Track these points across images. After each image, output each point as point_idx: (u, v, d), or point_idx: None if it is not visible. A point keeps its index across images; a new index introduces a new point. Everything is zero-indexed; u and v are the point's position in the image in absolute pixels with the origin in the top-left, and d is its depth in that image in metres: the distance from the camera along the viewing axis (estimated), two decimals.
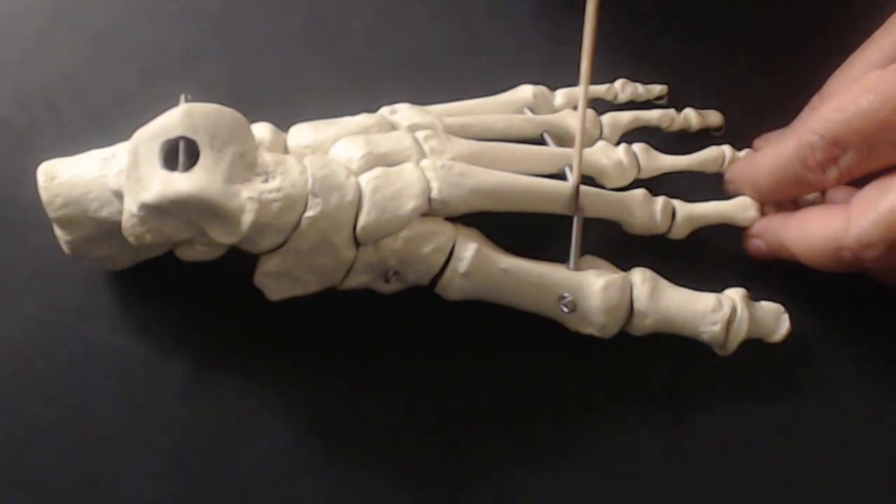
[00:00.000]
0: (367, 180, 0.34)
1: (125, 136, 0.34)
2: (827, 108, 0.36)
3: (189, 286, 0.38)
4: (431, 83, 0.43)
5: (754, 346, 0.38)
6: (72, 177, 0.34)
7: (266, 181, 0.33)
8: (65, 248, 0.35)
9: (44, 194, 0.34)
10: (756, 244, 0.40)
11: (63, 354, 0.37)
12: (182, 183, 0.31)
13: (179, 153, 0.32)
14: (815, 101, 0.42)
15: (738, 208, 0.40)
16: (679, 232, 0.40)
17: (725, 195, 0.41)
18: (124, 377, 0.37)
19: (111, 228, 0.34)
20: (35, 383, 0.37)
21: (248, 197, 0.32)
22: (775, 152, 0.39)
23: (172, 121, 0.32)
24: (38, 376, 0.37)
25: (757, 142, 0.43)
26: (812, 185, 0.38)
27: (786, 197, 0.40)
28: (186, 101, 0.33)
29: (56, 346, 0.38)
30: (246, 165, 0.33)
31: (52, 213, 0.34)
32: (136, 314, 0.38)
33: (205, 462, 0.36)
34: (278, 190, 0.33)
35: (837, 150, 0.35)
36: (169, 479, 0.36)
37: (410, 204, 0.34)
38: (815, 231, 0.37)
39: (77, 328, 0.38)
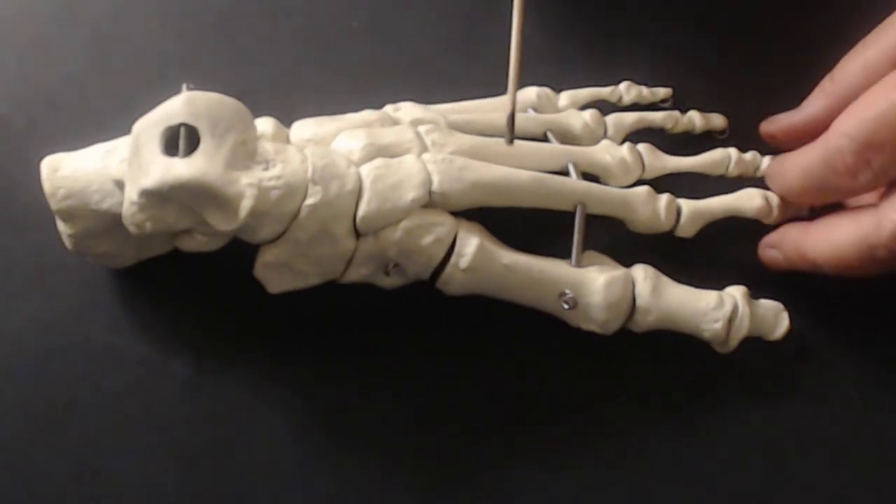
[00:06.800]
0: (367, 170, 0.34)
1: (125, 135, 0.34)
2: (854, 108, 0.35)
3: (190, 285, 0.38)
4: (433, 83, 0.43)
5: (754, 344, 0.37)
6: (74, 170, 0.34)
7: (266, 169, 0.33)
8: (67, 242, 0.35)
9: (46, 186, 0.34)
10: (772, 255, 0.39)
11: (63, 354, 0.37)
12: (182, 168, 0.31)
13: (180, 140, 0.32)
14: (825, 82, 0.40)
15: (744, 199, 0.40)
16: (687, 229, 0.39)
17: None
18: (124, 377, 0.37)
19: (113, 221, 0.34)
20: (35, 382, 0.37)
21: (248, 183, 0.32)
22: (802, 157, 0.38)
23: (174, 108, 0.32)
24: (37, 375, 0.37)
25: (764, 125, 0.42)
26: (844, 192, 0.36)
27: (821, 202, 0.39)
28: (188, 89, 0.33)
29: (56, 345, 0.37)
30: (246, 153, 0.33)
31: (54, 205, 0.34)
32: (137, 313, 0.38)
33: (205, 461, 0.36)
34: (278, 177, 0.33)
35: (869, 152, 0.34)
36: (169, 478, 0.36)
37: (411, 194, 0.34)
38: (842, 234, 0.36)
39: (77, 328, 0.38)
